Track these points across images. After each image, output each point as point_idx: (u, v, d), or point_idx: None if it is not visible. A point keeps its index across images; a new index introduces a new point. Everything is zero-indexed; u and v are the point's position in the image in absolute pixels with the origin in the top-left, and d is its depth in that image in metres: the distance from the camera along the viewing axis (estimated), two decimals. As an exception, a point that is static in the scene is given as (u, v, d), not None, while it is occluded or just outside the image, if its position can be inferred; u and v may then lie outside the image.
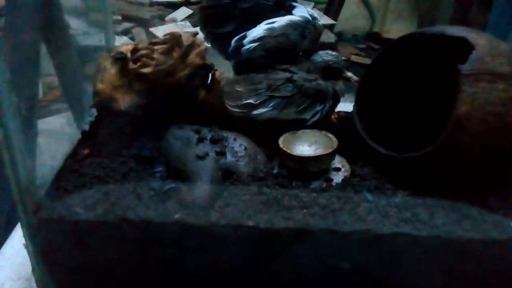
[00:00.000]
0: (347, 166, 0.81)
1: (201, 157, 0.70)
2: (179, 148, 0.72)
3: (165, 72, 0.76)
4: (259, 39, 0.84)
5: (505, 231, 0.66)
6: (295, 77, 0.81)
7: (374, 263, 0.67)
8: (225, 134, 0.75)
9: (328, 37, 2.95)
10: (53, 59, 1.27)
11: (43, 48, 1.21)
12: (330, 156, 0.77)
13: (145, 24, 2.95)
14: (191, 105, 0.80)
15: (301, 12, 0.87)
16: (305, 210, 0.67)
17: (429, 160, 0.70)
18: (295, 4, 0.89)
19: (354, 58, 3.05)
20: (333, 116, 0.96)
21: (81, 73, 1.32)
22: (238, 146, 0.73)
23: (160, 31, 2.75)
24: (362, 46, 3.30)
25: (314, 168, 0.77)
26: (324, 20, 3.23)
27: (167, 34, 0.78)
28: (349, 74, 0.85)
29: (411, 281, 0.68)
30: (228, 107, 0.80)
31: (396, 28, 3.25)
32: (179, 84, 0.77)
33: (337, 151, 0.79)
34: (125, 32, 2.86)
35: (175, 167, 0.71)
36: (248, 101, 0.79)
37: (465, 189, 0.72)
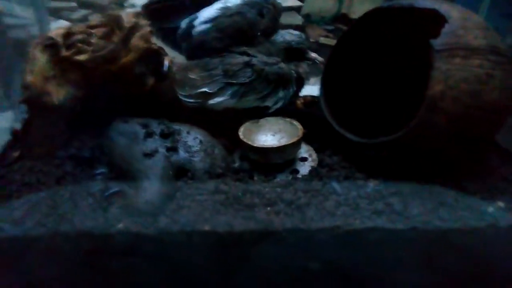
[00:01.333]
0: (315, 155, 0.74)
1: (149, 155, 0.61)
2: (123, 145, 0.64)
3: (104, 59, 0.67)
4: (212, 19, 0.75)
5: (483, 217, 0.61)
6: (254, 60, 0.73)
7: (347, 261, 0.61)
8: (177, 127, 0.66)
9: (295, 19, 2.87)
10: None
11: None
12: (295, 146, 0.70)
13: (103, 10, 2.78)
14: (138, 95, 0.70)
15: None
16: (268, 208, 0.60)
17: (402, 144, 0.64)
18: None
19: (322, 40, 2.99)
20: (298, 101, 0.90)
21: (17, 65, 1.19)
22: (192, 140, 0.65)
23: (119, 18, 2.60)
24: (331, 27, 3.24)
25: (278, 160, 0.70)
26: (291, 2, 3.15)
27: (105, 15, 0.68)
28: (313, 55, 0.78)
29: (388, 277, 0.63)
30: (181, 97, 0.71)
31: (364, 9, 3.21)
32: (122, 72, 0.68)
33: (303, 139, 0.72)
34: (82, 20, 2.68)
35: (119, 168, 0.63)
36: (203, 89, 0.71)
37: (441, 173, 0.67)
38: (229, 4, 0.76)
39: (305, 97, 0.90)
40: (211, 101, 0.71)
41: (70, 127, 0.68)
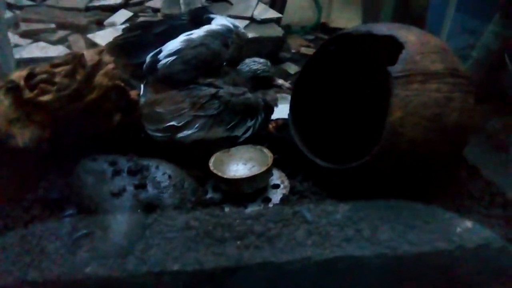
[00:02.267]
0: (287, 182, 0.75)
1: (117, 194, 0.61)
2: (91, 185, 0.63)
3: (69, 98, 0.67)
4: (176, 52, 0.76)
5: (452, 239, 0.62)
6: (221, 92, 0.74)
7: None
8: (146, 163, 0.67)
9: (276, 31, 2.90)
10: None
11: None
12: (265, 174, 0.71)
13: (82, 30, 2.77)
14: (106, 132, 0.70)
15: (220, 21, 0.80)
16: (238, 242, 0.60)
17: (368, 169, 0.65)
18: (212, 16, 0.82)
19: (303, 50, 3.02)
20: (270, 125, 0.90)
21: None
22: (161, 176, 0.65)
23: (99, 37, 2.58)
24: (311, 37, 3.27)
25: (249, 190, 0.70)
26: (270, 14, 3.17)
27: (68, 54, 0.68)
28: (280, 81, 0.79)
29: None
30: (149, 131, 0.72)
31: (342, 17, 3.25)
32: (88, 109, 0.68)
33: (275, 165, 0.73)
34: (61, 41, 2.67)
35: (88, 208, 0.62)
36: (171, 123, 0.71)
37: (410, 195, 0.68)
38: (192, 36, 0.77)
39: (276, 120, 0.91)
40: (180, 135, 0.71)
41: (37, 168, 0.67)
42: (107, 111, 0.69)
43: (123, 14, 3.01)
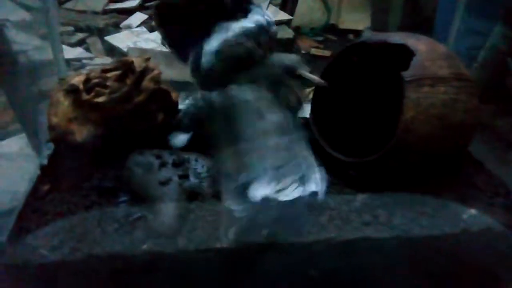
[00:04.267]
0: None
1: (164, 183, 0.70)
2: (141, 175, 0.73)
3: (119, 100, 0.76)
4: (216, 53, 0.78)
5: (458, 224, 0.71)
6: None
7: (342, 269, 0.70)
8: (186, 156, 0.76)
9: (286, 32, 2.97)
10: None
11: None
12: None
13: (99, 33, 2.87)
14: (150, 129, 0.80)
15: (256, 17, 0.81)
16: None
17: (383, 162, 0.74)
18: (253, 6, 0.84)
19: (313, 51, 3.09)
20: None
21: (34, 93, 1.26)
22: (200, 167, 0.74)
23: (115, 39, 2.68)
24: (321, 38, 3.34)
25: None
26: (281, 16, 3.25)
27: (119, 61, 0.78)
28: (312, 76, 0.79)
29: (377, 281, 0.72)
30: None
31: (351, 19, 3.32)
32: (136, 110, 0.77)
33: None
34: (80, 43, 2.78)
35: (139, 195, 0.72)
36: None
37: (420, 186, 0.76)
38: (229, 35, 0.78)
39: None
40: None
41: (92, 162, 0.77)
42: (152, 111, 0.79)
43: (139, 17, 3.11)
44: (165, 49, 0.82)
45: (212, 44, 0.81)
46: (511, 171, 0.98)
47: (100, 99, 0.75)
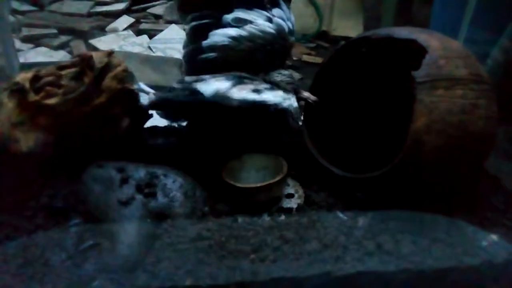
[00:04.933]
0: (301, 191, 0.71)
1: (125, 203, 0.58)
2: (98, 193, 0.60)
3: (75, 101, 0.64)
4: (220, 48, 0.72)
5: (478, 253, 0.59)
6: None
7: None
8: (155, 170, 0.63)
9: (277, 38, 2.90)
10: None
11: None
12: (280, 183, 0.68)
13: (84, 36, 2.75)
14: (113, 137, 0.67)
15: (278, 16, 0.75)
16: (253, 255, 0.56)
17: (389, 179, 0.62)
18: (280, 1, 0.77)
19: (305, 57, 3.01)
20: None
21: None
22: (171, 183, 0.62)
23: (101, 43, 2.57)
24: (312, 45, 3.27)
25: (264, 199, 0.67)
26: (273, 21, 3.18)
27: (76, 56, 0.65)
28: (306, 94, 0.73)
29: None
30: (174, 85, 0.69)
31: (343, 25, 3.26)
32: (95, 114, 0.65)
33: (289, 174, 0.70)
34: (63, 46, 2.65)
35: (95, 217, 0.59)
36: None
37: (431, 206, 0.65)
38: (242, 33, 0.72)
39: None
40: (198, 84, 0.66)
41: (42, 174, 0.64)
42: (116, 115, 0.66)
43: (125, 20, 3.00)
44: (152, 53, 0.74)
45: (219, 36, 0.73)
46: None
47: (52, 101, 0.62)
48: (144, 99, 0.68)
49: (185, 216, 0.60)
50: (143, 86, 0.69)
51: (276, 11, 0.75)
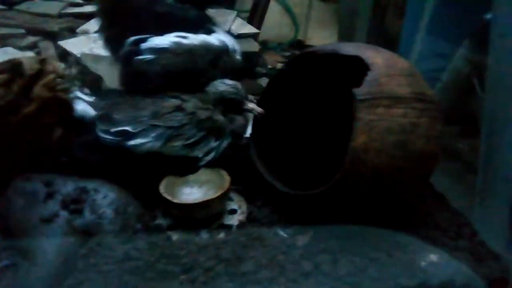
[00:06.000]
0: (244, 207, 0.69)
1: (47, 220, 0.54)
2: (21, 208, 0.56)
3: (3, 110, 0.60)
4: (161, 50, 0.69)
5: (415, 274, 0.58)
6: (186, 105, 0.68)
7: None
8: (85, 185, 0.60)
9: (252, 46, 2.88)
10: None
11: None
12: (220, 199, 0.65)
13: (53, 37, 2.67)
14: (45, 148, 0.63)
15: (222, 37, 0.74)
16: (183, 276, 0.54)
17: (329, 197, 0.61)
18: (215, 28, 0.75)
19: (280, 66, 3.02)
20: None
21: None
22: (101, 199, 0.59)
23: (69, 44, 2.50)
24: (287, 53, 3.29)
25: (202, 215, 0.64)
26: (248, 29, 3.16)
27: (6, 61, 0.62)
28: (251, 105, 0.72)
29: None
30: (99, 132, 0.64)
31: (318, 35, 3.28)
32: (24, 123, 0.61)
33: (230, 190, 0.67)
34: (31, 47, 2.57)
35: (15, 235, 0.55)
36: (125, 127, 0.65)
37: (373, 224, 0.64)
38: (185, 41, 0.70)
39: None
40: (132, 142, 0.64)
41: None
42: (47, 125, 0.63)
43: (97, 23, 2.93)
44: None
45: (162, 40, 0.70)
46: (474, 205, 0.88)
47: (-25, 108, 0.58)
48: (81, 108, 0.65)
49: (114, 234, 0.57)
50: (80, 94, 0.66)
51: (216, 34, 0.74)
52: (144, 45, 0.70)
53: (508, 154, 0.82)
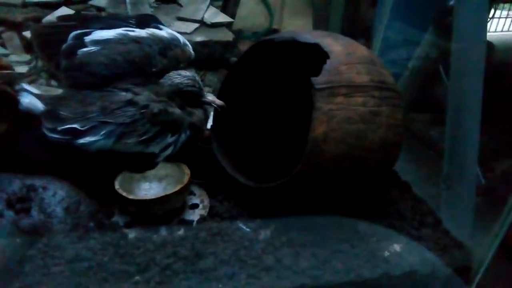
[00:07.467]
0: (206, 201, 0.67)
1: (-10, 221, 0.51)
2: (-38, 209, 0.52)
3: None
4: (105, 41, 0.66)
5: (378, 265, 0.58)
6: (138, 98, 0.64)
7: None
8: (32, 182, 0.56)
9: (226, 35, 2.84)
10: None
11: None
12: (180, 194, 0.63)
13: (17, 27, 2.56)
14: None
15: (169, 31, 0.71)
16: (138, 277, 0.51)
17: (290, 188, 0.59)
18: (161, 26, 0.73)
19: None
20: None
21: None
22: (50, 197, 0.55)
23: (35, 35, 2.40)
24: (262, 43, 3.25)
25: (161, 211, 0.62)
26: (221, 18, 3.11)
27: None
28: (210, 98, 0.69)
29: None
30: (45, 131, 0.60)
31: (293, 24, 3.26)
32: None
33: (190, 184, 0.65)
34: (-7, 37, 2.45)
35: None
36: (72, 125, 0.60)
37: (337, 214, 0.63)
38: (131, 33, 0.68)
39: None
40: (81, 140, 0.60)
41: None
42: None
43: (64, 12, 2.82)
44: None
45: (106, 32, 0.68)
46: (440, 193, 0.89)
47: None
48: (28, 101, 0.61)
49: (64, 234, 0.54)
50: (26, 86, 0.62)
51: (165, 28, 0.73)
52: (88, 38, 0.67)
53: (470, 141, 0.82)
